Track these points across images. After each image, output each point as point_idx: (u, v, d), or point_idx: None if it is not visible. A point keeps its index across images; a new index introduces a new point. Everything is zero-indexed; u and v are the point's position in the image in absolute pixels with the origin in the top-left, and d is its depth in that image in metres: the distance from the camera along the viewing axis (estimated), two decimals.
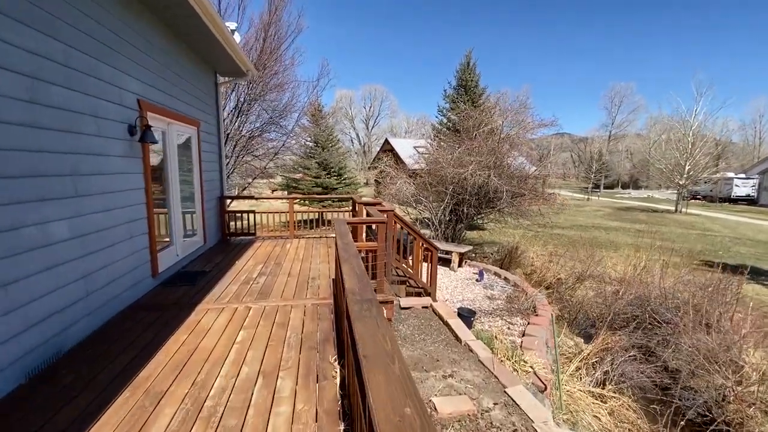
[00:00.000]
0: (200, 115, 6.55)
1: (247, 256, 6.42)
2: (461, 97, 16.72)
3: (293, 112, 10.62)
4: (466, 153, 8.98)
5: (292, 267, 5.72)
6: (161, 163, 5.23)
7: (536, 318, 5.97)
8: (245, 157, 11.23)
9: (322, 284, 4.90)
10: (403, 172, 9.74)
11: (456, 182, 9.26)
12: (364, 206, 6.73)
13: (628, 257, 12.45)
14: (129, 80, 4.16)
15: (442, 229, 9.84)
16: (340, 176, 17.16)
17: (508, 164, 8.56)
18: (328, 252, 6.70)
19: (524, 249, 11.54)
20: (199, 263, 5.89)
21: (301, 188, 16.18)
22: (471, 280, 8.03)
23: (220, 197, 7.56)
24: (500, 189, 8.14)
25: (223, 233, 7.61)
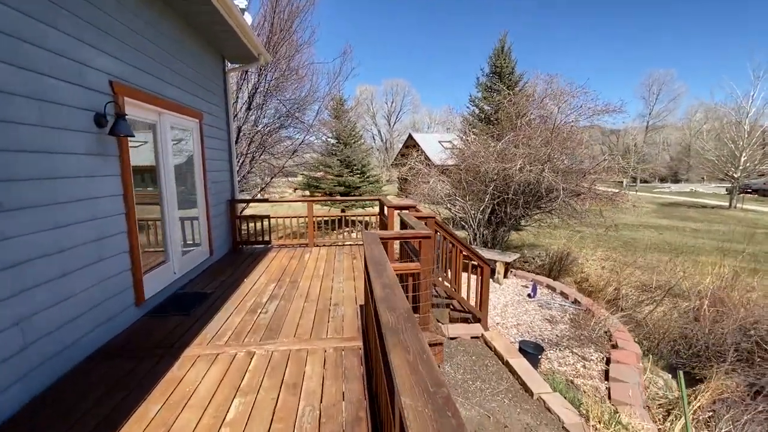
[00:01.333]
0: (204, 106, 5.61)
1: (259, 270, 5.43)
2: (495, 85, 15.27)
3: (314, 102, 9.64)
4: (512, 145, 7.71)
5: (310, 287, 4.68)
6: (153, 162, 4.29)
7: (618, 353, 4.68)
8: (262, 155, 10.34)
9: (347, 313, 3.82)
10: (435, 169, 8.57)
11: (498, 179, 7.99)
12: (395, 210, 5.61)
13: (697, 263, 10.84)
14: (97, 55, 3.19)
15: (480, 232, 8.60)
16: (363, 174, 16.12)
17: (564, 158, 7.25)
18: (353, 265, 5.63)
19: (575, 254, 10.12)
20: (201, 281, 4.94)
21: (322, 187, 15.25)
22: (521, 296, 6.78)
23: (230, 201, 6.63)
24: (556, 187, 6.85)
25: (234, 242, 6.68)
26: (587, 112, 7.07)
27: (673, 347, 5.91)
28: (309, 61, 9.23)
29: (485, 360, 4.21)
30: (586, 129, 8.08)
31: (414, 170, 8.85)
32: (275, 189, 18.49)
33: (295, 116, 9.65)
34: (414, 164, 9.01)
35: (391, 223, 5.65)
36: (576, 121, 7.24)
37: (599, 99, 7.03)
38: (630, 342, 5.03)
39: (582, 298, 6.68)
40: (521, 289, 7.20)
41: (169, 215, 4.47)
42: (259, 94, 8.90)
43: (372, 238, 3.01)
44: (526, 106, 8.18)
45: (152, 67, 4.13)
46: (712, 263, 10.75)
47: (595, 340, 5.13)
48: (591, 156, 7.89)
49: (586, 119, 7.24)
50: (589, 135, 7.61)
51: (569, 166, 7.30)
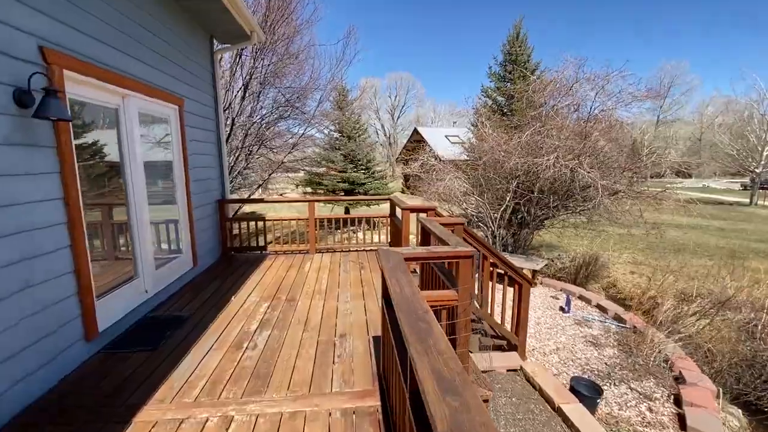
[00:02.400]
0: (185, 91, 4.75)
1: (251, 284, 4.60)
2: (510, 74, 14.29)
3: (315, 91, 8.75)
4: (539, 136, 6.80)
5: (310, 308, 3.84)
6: (115, 154, 3.44)
7: (690, 391, 3.81)
8: (260, 149, 9.48)
9: (357, 350, 2.98)
10: (451, 166, 7.69)
11: (522, 175, 7.11)
12: (411, 213, 4.76)
13: (734, 268, 9.92)
14: (18, 8, 2.34)
15: (500, 234, 7.73)
16: (368, 170, 15.23)
17: (602, 151, 6.35)
18: (361, 277, 4.78)
19: (604, 259, 9.23)
20: (180, 300, 4.11)
21: (325, 184, 14.39)
22: (553, 309, 5.92)
23: (219, 201, 5.79)
24: (593, 185, 5.96)
25: (224, 248, 5.85)
26: (627, 98, 6.17)
27: (735, 371, 5.04)
28: (310, 44, 8.32)
29: (529, 404, 3.37)
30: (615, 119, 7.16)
31: (426, 166, 7.97)
32: (276, 186, 17.65)
33: (295, 106, 8.77)
34: (427, 160, 8.12)
35: (405, 228, 4.79)
36: (613, 109, 6.34)
37: (641, 83, 6.13)
38: (697, 373, 4.17)
39: (625, 313, 5.81)
40: (551, 300, 6.33)
41: (137, 220, 3.63)
42: (255, 81, 8.03)
43: (395, 261, 2.15)
44: (553, 93, 7.27)
45: (112, 36, 3.27)
46: (755, 268, 9.83)
47: (653, 371, 4.27)
48: (629, 150, 6.97)
49: (624, 107, 6.34)
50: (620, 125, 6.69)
51: (603, 161, 6.39)
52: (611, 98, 6.16)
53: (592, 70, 6.62)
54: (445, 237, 2.77)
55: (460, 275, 2.46)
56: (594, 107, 6.31)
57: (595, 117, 6.33)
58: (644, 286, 9.11)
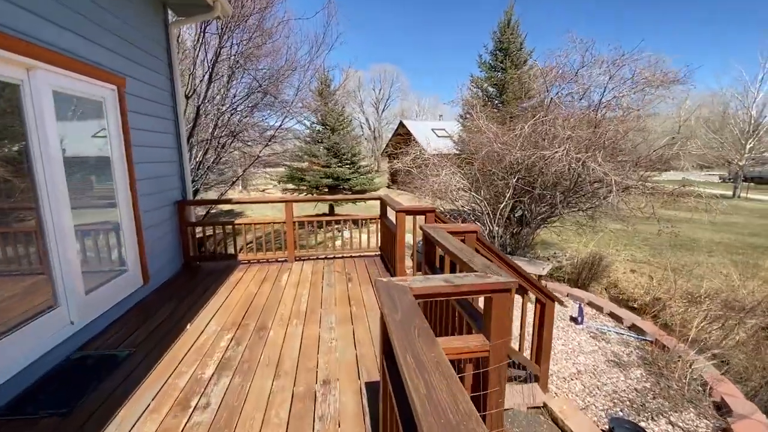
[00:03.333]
0: (128, 68, 3.84)
1: (213, 306, 3.77)
2: (501, 63, 13.61)
3: (293, 75, 7.84)
4: (544, 126, 6.16)
5: (285, 340, 3.06)
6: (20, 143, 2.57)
7: (740, 426, 3.22)
8: (234, 142, 8.54)
9: (345, 407, 2.23)
10: (447, 159, 6.98)
11: (523, 170, 6.46)
12: (406, 215, 4.01)
13: (737, 264, 9.58)
14: None
15: (498, 233, 7.08)
16: (354, 164, 14.39)
17: (616, 142, 5.74)
18: (347, 292, 4.02)
19: (609, 259, 8.72)
20: (120, 331, 3.26)
21: (307, 180, 13.49)
22: (564, 320, 5.30)
23: (179, 203, 4.90)
24: (606, 180, 5.35)
25: (187, 257, 4.98)
26: (641, 82, 5.55)
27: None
28: (285, 19, 7.39)
29: None
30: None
31: (419, 161, 7.23)
32: (257, 182, 16.59)
33: (272, 94, 7.87)
34: (420, 154, 7.37)
35: (401, 232, 4.04)
36: (625, 96, 5.72)
37: (657, 66, 5.53)
38: (741, 400, 3.59)
39: (641, 321, 5.23)
40: (559, 309, 5.71)
41: (53, 227, 2.77)
42: (224, 64, 7.10)
43: (405, 309, 1.40)
44: (556, 79, 6.63)
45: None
46: (756, 264, 9.51)
47: (689, 396, 3.67)
48: (642, 140, 6.39)
49: (635, 94, 5.72)
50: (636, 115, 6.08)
51: (614, 154, 5.78)
52: (625, 84, 5.55)
53: (600, 53, 6.00)
54: (465, 256, 2.03)
55: (493, 315, 1.72)
56: (605, 94, 5.70)
57: (606, 105, 5.72)
58: (647, 286, 8.66)
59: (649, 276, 9.07)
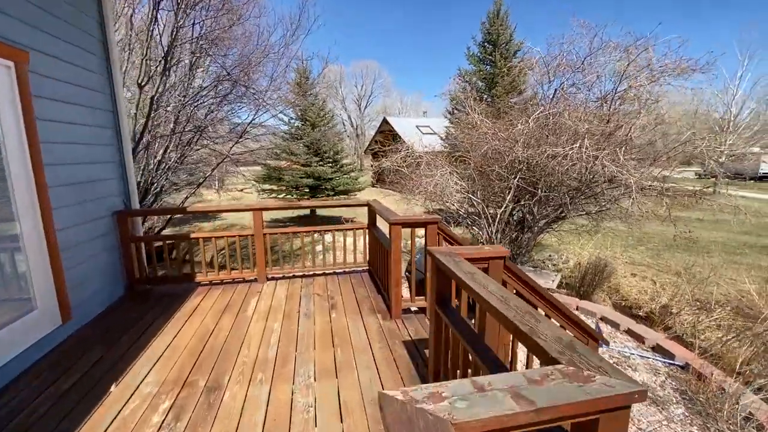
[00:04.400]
0: (35, 40, 2.90)
1: (155, 350, 2.89)
2: (490, 56, 12.96)
3: (265, 61, 6.89)
4: (551, 119, 5.48)
5: (244, 408, 2.22)
6: None
7: None
8: (200, 139, 7.55)
9: None
10: (440, 159, 6.24)
11: (525, 169, 5.79)
12: (402, 228, 3.23)
13: (740, 266, 9.23)
14: None
15: (497, 239, 6.39)
16: (336, 163, 13.50)
17: (632, 137, 5.12)
18: (331, 326, 3.21)
19: (612, 264, 8.17)
20: (12, 400, 2.35)
21: (286, 180, 12.53)
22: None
23: (120, 213, 3.96)
24: (624, 180, 4.72)
25: (131, 280, 4.04)
26: (660, 71, 4.93)
27: None
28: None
29: None
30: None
31: (409, 159, 6.44)
32: (235, 182, 15.45)
33: (243, 84, 6.92)
34: (412, 152, 6.58)
35: (395, 248, 3.25)
36: (640, 86, 5.09)
37: (678, 51, 4.92)
38: None
39: (664, 340, 4.62)
40: None
41: None
42: (184, 47, 6.13)
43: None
44: (561, 69, 5.96)
45: None
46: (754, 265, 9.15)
47: None
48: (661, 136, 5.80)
49: (652, 84, 5.10)
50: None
51: (626, 150, 5.15)
52: (641, 72, 4.92)
53: (610, 39, 5.36)
54: (522, 319, 1.25)
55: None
56: (620, 83, 5.05)
57: (621, 96, 5.09)
58: (651, 291, 8.17)
59: (651, 280, 8.60)
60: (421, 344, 2.88)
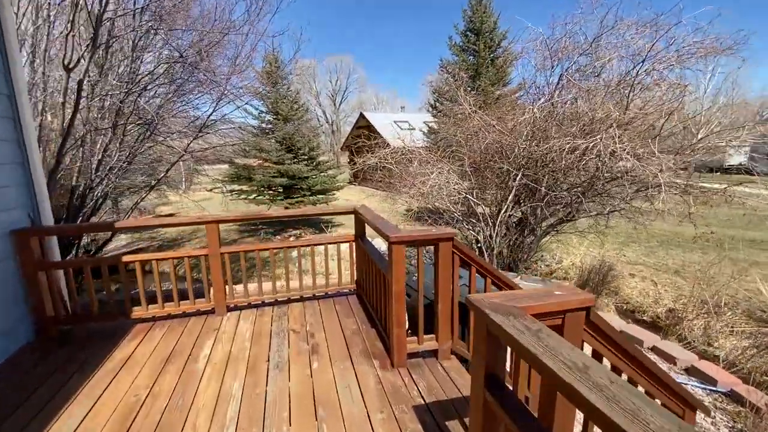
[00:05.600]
0: None
1: None
2: (473, 46, 12.27)
3: (227, 39, 5.85)
4: (556, 109, 4.80)
5: None
6: None
7: None
8: (150, 134, 6.43)
9: None
10: (434, 155, 5.45)
11: (527, 166, 5.11)
12: (406, 247, 2.42)
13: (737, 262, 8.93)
14: None
15: (496, 243, 5.69)
16: (312, 160, 12.50)
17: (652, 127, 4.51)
18: (311, 378, 2.35)
19: (616, 266, 7.65)
20: None
21: (256, 179, 11.43)
22: None
23: (19, 232, 2.93)
24: (639, 172, 4.12)
25: (43, 321, 3.03)
26: (687, 51, 4.31)
27: None
28: None
29: None
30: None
31: (398, 156, 5.58)
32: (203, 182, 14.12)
33: (199, 69, 5.87)
34: (405, 148, 5.72)
35: (398, 279, 2.43)
36: (662, 68, 4.47)
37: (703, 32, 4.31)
38: None
39: (700, 362, 4.03)
40: None
41: None
42: (121, 22, 5.04)
43: None
44: (564, 52, 5.29)
45: None
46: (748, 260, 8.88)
47: None
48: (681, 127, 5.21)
49: (674, 66, 4.49)
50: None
51: (645, 142, 4.54)
52: (662, 53, 4.30)
53: (623, 17, 4.72)
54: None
55: None
56: (641, 65, 4.41)
57: (639, 82, 4.46)
58: (653, 293, 7.73)
59: (651, 280, 8.18)
60: (440, 411, 2.08)
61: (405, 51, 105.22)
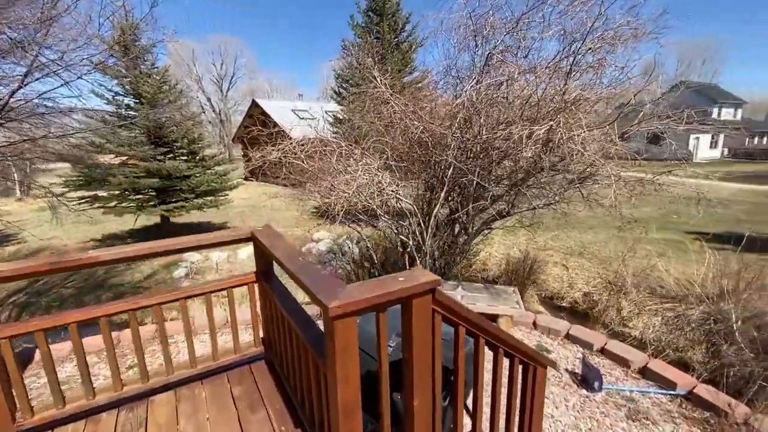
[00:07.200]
0: None
1: None
2: (377, 27, 11.31)
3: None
4: (489, 91, 4.16)
5: None
6: None
7: None
8: None
9: None
10: (357, 149, 4.31)
11: (467, 156, 4.43)
12: (355, 315, 1.28)
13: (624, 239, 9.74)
14: None
15: (427, 246, 4.93)
16: (194, 155, 10.23)
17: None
18: None
19: (541, 258, 7.64)
20: None
21: (113, 183, 8.79)
22: (570, 384, 3.46)
23: None
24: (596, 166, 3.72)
25: None
26: (614, 34, 4.02)
27: None
28: None
29: None
30: None
31: (308, 149, 4.29)
32: (49, 183, 10.45)
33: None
34: (318, 139, 4.42)
35: (343, 380, 1.28)
36: (601, 49, 4.13)
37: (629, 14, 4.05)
38: None
39: (656, 363, 3.81)
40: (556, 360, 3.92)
41: None
42: None
43: None
44: (494, 30, 4.71)
45: None
46: (648, 239, 9.82)
47: None
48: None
49: (605, 48, 4.21)
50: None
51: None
52: (601, 32, 3.94)
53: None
54: None
55: None
56: (573, 48, 3.98)
57: (576, 62, 4.04)
58: (565, 277, 7.98)
59: (563, 265, 8.49)
60: None
61: (301, 33, 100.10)
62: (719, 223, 10.83)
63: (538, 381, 1.97)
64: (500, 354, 1.77)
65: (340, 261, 8.12)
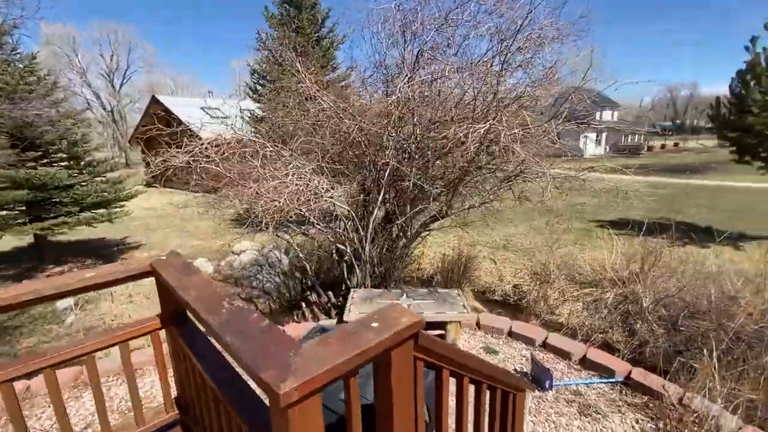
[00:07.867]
0: None
1: None
2: (295, 20, 10.54)
3: None
4: (422, 87, 3.97)
5: None
6: None
7: None
8: None
9: None
10: (286, 150, 3.73)
11: (399, 155, 4.20)
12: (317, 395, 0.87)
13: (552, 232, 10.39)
14: None
15: (367, 253, 4.62)
16: (77, 159, 8.49)
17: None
18: None
19: (473, 254, 7.74)
20: None
21: None
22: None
23: None
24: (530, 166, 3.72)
25: None
26: (540, 34, 4.07)
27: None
28: None
29: None
30: None
31: (223, 149, 3.61)
32: None
33: None
34: (234, 136, 3.74)
35: None
36: (529, 47, 4.14)
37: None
38: None
39: (593, 351, 3.96)
40: (504, 360, 3.85)
41: None
42: None
43: None
44: (420, 28, 4.52)
45: None
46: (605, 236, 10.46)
47: None
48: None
49: (533, 49, 4.27)
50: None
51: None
52: (527, 32, 3.98)
53: None
54: None
55: None
56: (503, 46, 3.95)
57: (506, 61, 4.02)
58: (494, 270, 8.27)
59: (491, 259, 8.80)
60: None
61: (208, 25, 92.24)
62: (611, 211, 12.21)
63: (518, 406, 1.76)
64: (483, 388, 1.51)
65: (268, 273, 7.39)
